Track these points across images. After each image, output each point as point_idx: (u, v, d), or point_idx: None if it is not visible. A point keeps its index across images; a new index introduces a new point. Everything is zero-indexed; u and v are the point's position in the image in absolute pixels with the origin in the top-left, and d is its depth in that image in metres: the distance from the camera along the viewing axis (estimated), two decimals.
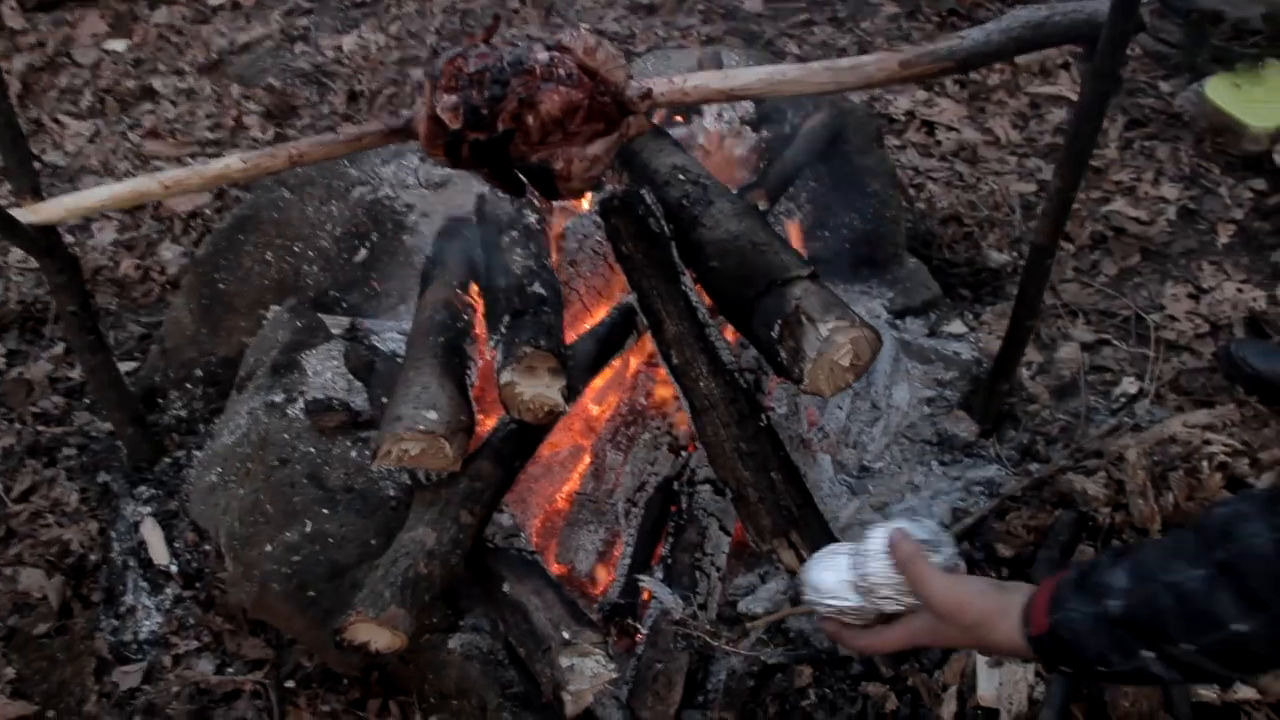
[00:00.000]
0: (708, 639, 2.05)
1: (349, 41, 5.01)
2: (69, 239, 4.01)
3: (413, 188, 3.10)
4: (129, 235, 3.97)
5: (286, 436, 2.43)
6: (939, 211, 3.57)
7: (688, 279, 2.30)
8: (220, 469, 2.57)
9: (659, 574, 2.26)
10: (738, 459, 2.13)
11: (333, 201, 3.07)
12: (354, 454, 2.40)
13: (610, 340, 2.40)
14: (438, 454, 2.00)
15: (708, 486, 2.35)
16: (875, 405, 2.77)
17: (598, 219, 2.58)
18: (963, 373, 2.90)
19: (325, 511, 2.26)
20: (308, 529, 2.24)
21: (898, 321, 3.08)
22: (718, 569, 2.27)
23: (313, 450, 2.40)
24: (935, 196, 3.66)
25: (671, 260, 2.30)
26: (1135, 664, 1.04)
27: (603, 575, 2.39)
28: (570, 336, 2.45)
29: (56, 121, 4.67)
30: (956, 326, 3.09)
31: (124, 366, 3.38)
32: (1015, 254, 3.42)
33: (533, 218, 2.53)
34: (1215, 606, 0.97)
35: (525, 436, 2.20)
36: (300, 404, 2.50)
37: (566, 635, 1.98)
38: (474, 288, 2.41)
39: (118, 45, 5.16)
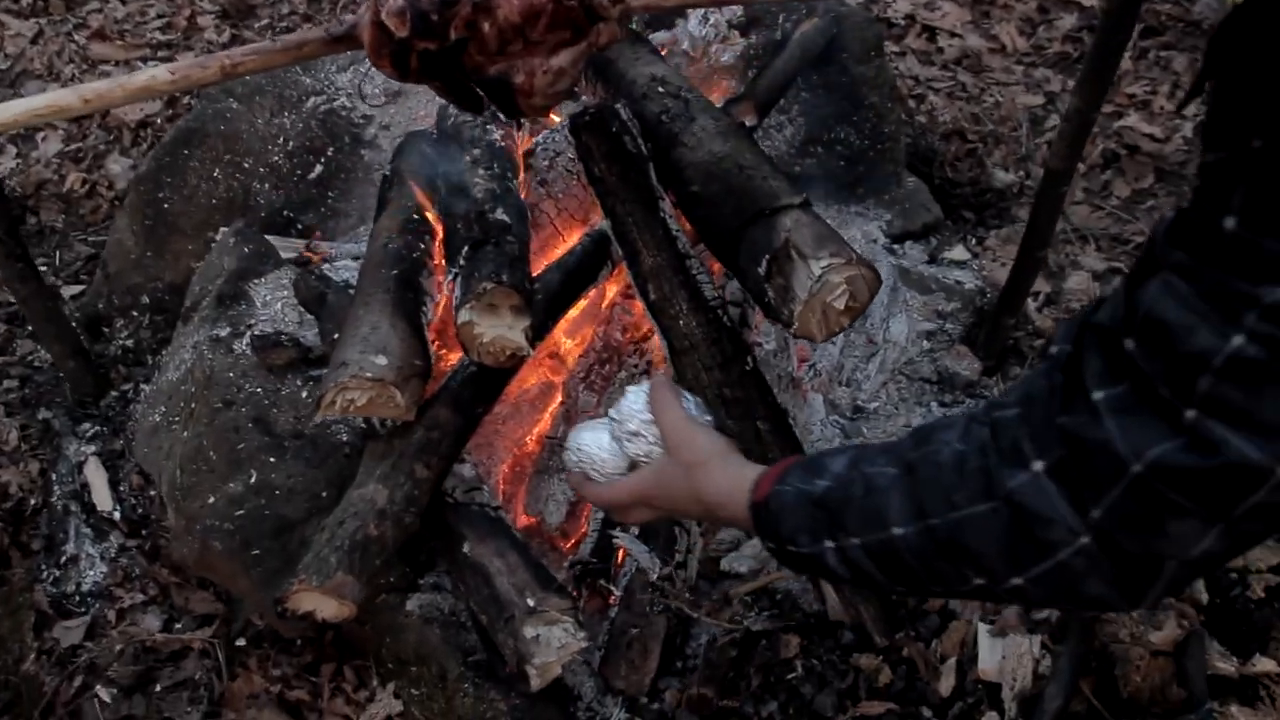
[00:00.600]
0: (686, 608, 1.89)
1: None
2: (12, 149, 3.75)
3: (371, 98, 2.85)
4: (75, 146, 3.70)
5: (232, 375, 2.23)
6: (941, 126, 3.33)
7: (667, 205, 2.08)
8: (164, 408, 2.38)
9: (635, 529, 2.09)
10: (720, 406, 1.95)
11: (285, 113, 2.82)
12: (304, 394, 2.21)
13: (581, 271, 2.19)
14: (388, 403, 1.80)
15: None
16: (871, 340, 2.58)
17: (569, 136, 2.35)
18: (965, 304, 2.70)
19: (272, 460, 2.08)
20: (252, 480, 2.06)
21: (895, 247, 2.86)
22: (699, 524, 2.10)
23: (260, 391, 2.20)
24: (937, 109, 3.41)
25: (649, 183, 2.08)
26: (816, 550, 1.03)
27: (574, 529, 2.23)
28: (540, 264, 2.24)
29: None
30: (959, 252, 2.88)
31: (71, 290, 3.17)
32: (1022, 173, 3.19)
33: (497, 134, 2.29)
34: (886, 503, 0.96)
35: (488, 380, 2.00)
36: (247, 339, 2.29)
37: (532, 602, 1.81)
38: (432, 212, 2.19)
39: None
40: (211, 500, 2.05)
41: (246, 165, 2.79)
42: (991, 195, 3.12)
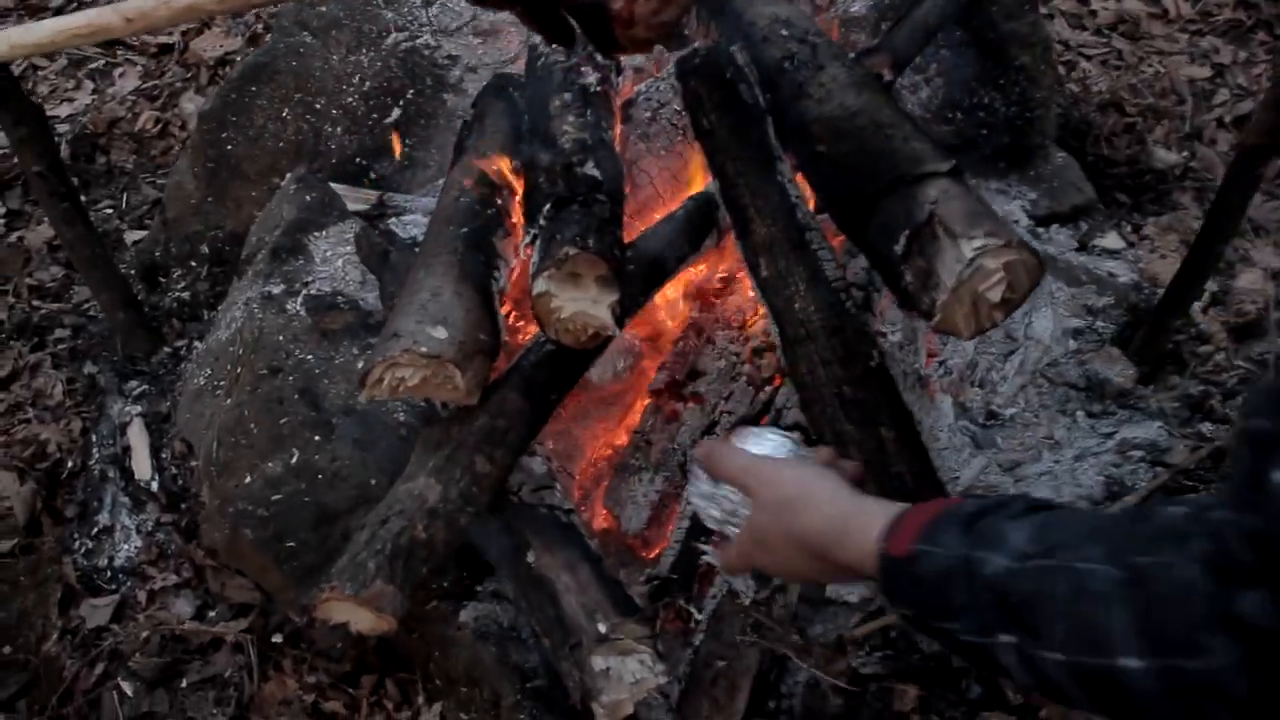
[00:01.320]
0: (787, 649, 1.58)
1: None
2: (89, 84, 3.58)
3: (458, 35, 2.57)
4: (151, 84, 3.51)
5: (281, 339, 1.98)
6: (1095, 96, 2.93)
7: (786, 166, 1.77)
8: (210, 370, 2.15)
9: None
10: (838, 407, 1.64)
11: (362, 50, 2.56)
12: (360, 365, 1.95)
13: (683, 240, 1.88)
14: (446, 384, 1.53)
15: (797, 434, 1.85)
16: (1010, 336, 2.23)
17: (676, 83, 2.04)
18: (1119, 299, 2.33)
19: (316, 439, 1.83)
20: (294, 460, 1.81)
21: (1040, 230, 2.50)
22: None
23: (310, 358, 1.95)
24: (1090, 78, 3.01)
25: (766, 140, 1.77)
26: (986, 642, 0.80)
27: (656, 537, 1.94)
28: (635, 230, 1.95)
29: None
30: (1112, 240, 2.51)
31: (134, 236, 2.98)
32: (1187, 153, 2.78)
33: (593, 77, 1.99)
34: (1109, 622, 0.72)
35: (565, 362, 1.72)
36: (301, 298, 2.05)
37: (603, 629, 1.53)
38: (513, 164, 1.90)
39: None
40: (248, 480, 1.81)
41: (318, 106, 2.54)
42: (1151, 177, 2.72)
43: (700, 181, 2.11)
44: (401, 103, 2.55)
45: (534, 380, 1.68)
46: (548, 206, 1.67)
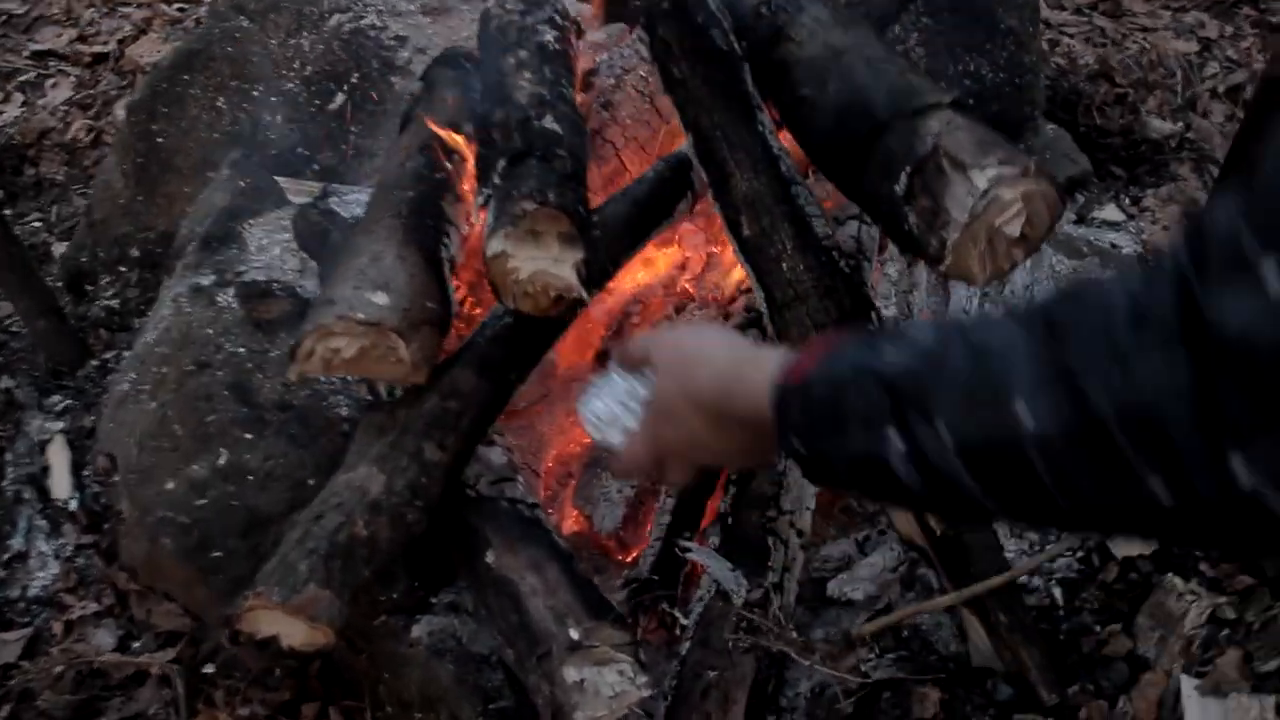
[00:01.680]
0: (786, 646, 1.38)
1: None
2: (19, 97, 3.38)
3: (407, 15, 2.39)
4: (84, 94, 3.31)
5: (210, 332, 1.78)
6: (1083, 69, 2.79)
7: (766, 118, 1.59)
8: (135, 374, 1.93)
9: (713, 539, 1.59)
10: None
11: (303, 32, 2.38)
12: None
13: (655, 204, 1.70)
14: (388, 357, 1.33)
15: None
16: None
17: (642, 37, 1.87)
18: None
19: (248, 437, 1.62)
20: (221, 461, 1.60)
21: None
22: (799, 533, 1.60)
23: (242, 351, 1.75)
24: (1076, 53, 2.87)
25: (744, 89, 1.59)
26: (871, 445, 0.66)
27: (633, 538, 1.74)
28: (599, 200, 1.76)
29: None
30: (1111, 212, 2.36)
31: (61, 249, 2.76)
32: (1182, 124, 2.64)
33: (550, 35, 1.81)
34: (1006, 371, 0.58)
35: (526, 335, 1.52)
36: (234, 289, 1.84)
37: (576, 635, 1.32)
38: (463, 130, 1.72)
39: None
40: (170, 486, 1.60)
41: (256, 93, 2.35)
42: (1147, 147, 2.57)
43: (673, 149, 1.93)
44: (346, 87, 2.37)
45: (490, 357, 1.48)
46: (502, 163, 1.48)
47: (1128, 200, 2.43)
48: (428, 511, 1.37)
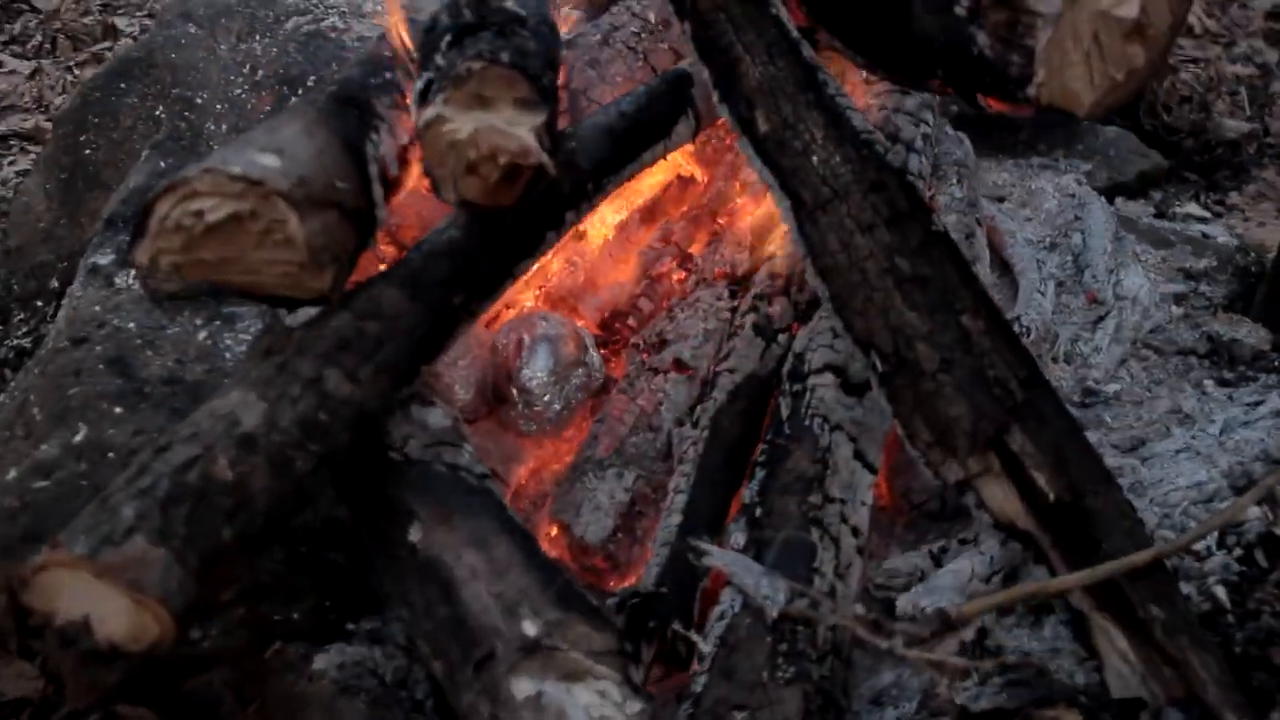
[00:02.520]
0: (850, 624, 0.92)
1: None
2: None
3: (372, 15, 2.13)
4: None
5: (99, 309, 1.42)
6: None
7: (779, 3, 1.26)
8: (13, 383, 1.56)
9: (737, 538, 1.17)
10: (893, 289, 1.07)
11: (256, 37, 2.10)
12: (202, 336, 1.38)
13: (645, 119, 1.35)
14: (272, 236, 0.95)
15: (829, 378, 1.26)
16: (1096, 298, 1.67)
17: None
18: (1223, 261, 1.80)
19: (117, 410, 1.23)
20: (78, 437, 1.21)
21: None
22: (854, 531, 1.17)
23: (132, 326, 1.38)
24: None
25: None
26: None
27: (628, 555, 1.31)
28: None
29: None
30: (1194, 209, 2.00)
31: None
32: (1259, 124, 2.32)
33: None
34: None
35: (479, 249, 1.14)
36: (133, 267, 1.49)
37: (532, 629, 0.90)
38: (414, 42, 1.40)
39: None
40: (10, 475, 1.19)
41: (200, 101, 2.06)
42: (1224, 150, 2.23)
43: None
44: (301, 91, 2.07)
45: (427, 274, 1.10)
46: (448, 39, 1.15)
47: (1210, 200, 2.08)
48: (325, 463, 0.97)
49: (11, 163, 3.18)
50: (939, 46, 1.05)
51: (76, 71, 3.70)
